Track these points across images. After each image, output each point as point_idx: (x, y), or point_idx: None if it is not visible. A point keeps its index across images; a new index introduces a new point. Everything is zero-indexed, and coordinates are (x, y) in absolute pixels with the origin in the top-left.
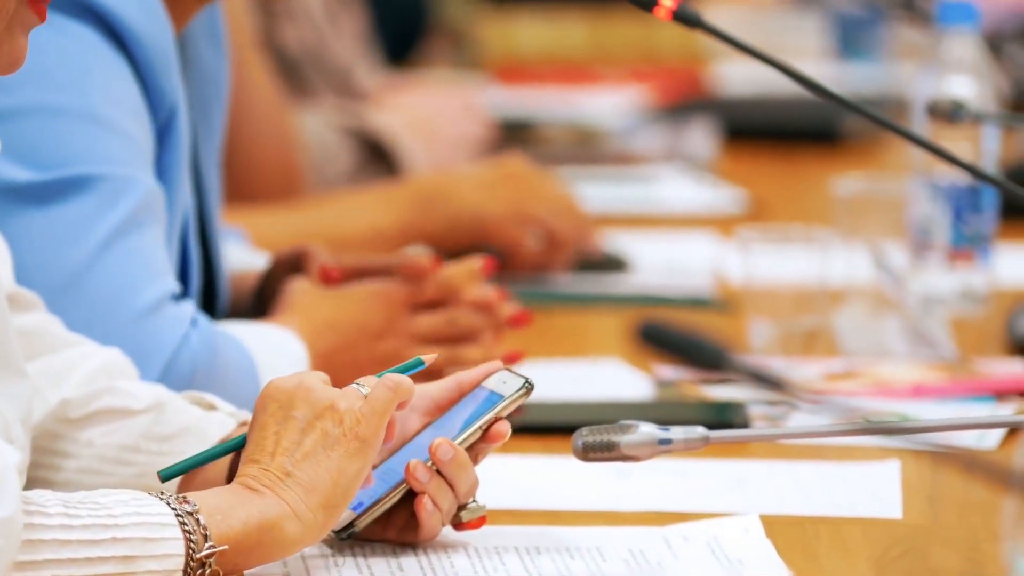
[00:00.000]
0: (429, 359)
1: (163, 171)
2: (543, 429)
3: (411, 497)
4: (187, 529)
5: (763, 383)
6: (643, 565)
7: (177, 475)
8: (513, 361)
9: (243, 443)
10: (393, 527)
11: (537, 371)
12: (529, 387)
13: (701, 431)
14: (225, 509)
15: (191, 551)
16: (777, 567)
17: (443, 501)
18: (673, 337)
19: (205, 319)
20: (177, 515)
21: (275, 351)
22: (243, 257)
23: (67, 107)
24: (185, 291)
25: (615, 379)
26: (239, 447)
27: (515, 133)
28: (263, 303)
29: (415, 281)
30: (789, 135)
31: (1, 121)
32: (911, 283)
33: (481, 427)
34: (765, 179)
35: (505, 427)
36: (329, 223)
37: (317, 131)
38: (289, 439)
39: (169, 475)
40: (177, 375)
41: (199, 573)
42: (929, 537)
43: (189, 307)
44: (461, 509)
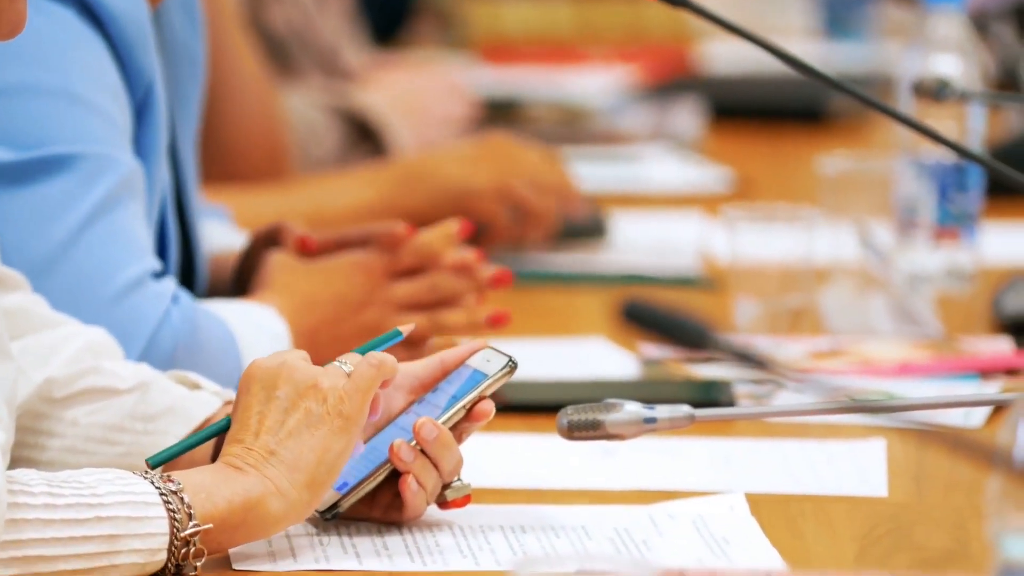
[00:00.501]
0: (407, 329)
1: (141, 149)
2: (528, 408)
3: (396, 477)
4: (171, 508)
5: (748, 362)
6: (628, 543)
7: (167, 461)
8: (498, 323)
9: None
10: (378, 507)
11: (522, 350)
12: (512, 365)
13: (686, 410)
14: (209, 488)
15: (175, 530)
16: (762, 545)
17: (427, 481)
18: (657, 316)
19: (186, 296)
20: (161, 494)
21: (256, 328)
22: (226, 237)
23: (45, 86)
24: (165, 269)
25: (600, 358)
26: (226, 429)
27: (501, 112)
28: (243, 281)
29: (392, 249)
30: (775, 114)
31: None
32: (897, 261)
33: (465, 406)
34: (751, 158)
35: (489, 406)
36: (312, 202)
37: (303, 111)
38: (273, 418)
39: (159, 461)
40: (159, 352)
41: (183, 552)
42: (914, 515)
43: (170, 284)
44: (446, 488)
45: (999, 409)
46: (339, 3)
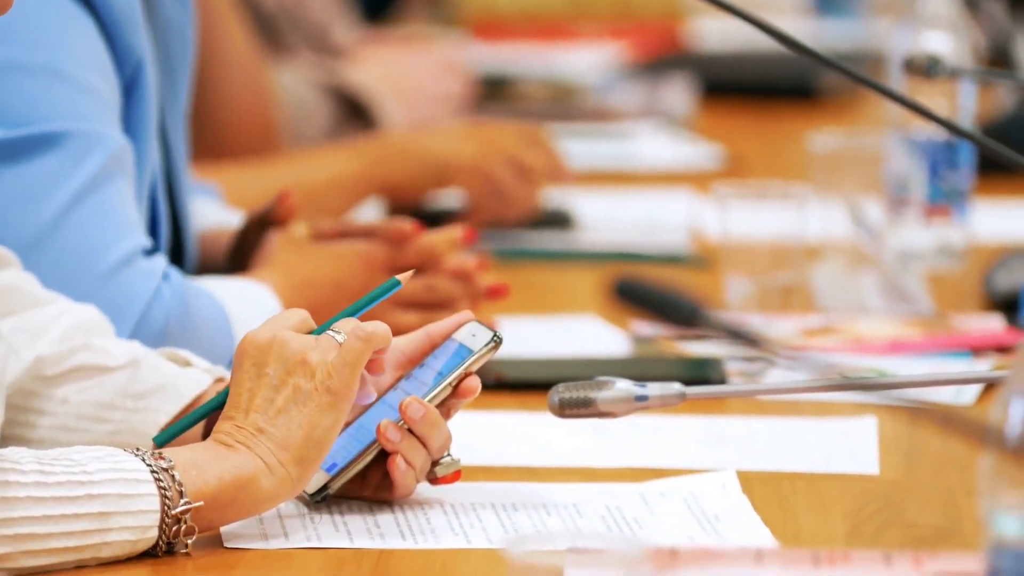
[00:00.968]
0: (405, 278)
1: (130, 127)
2: (519, 385)
3: (385, 455)
4: (162, 485)
5: (739, 339)
6: (620, 521)
7: (172, 438)
8: (497, 296)
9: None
10: (368, 486)
11: (514, 327)
12: (498, 341)
13: (678, 387)
14: (200, 465)
15: (166, 507)
16: (754, 523)
17: (416, 459)
18: (648, 293)
19: (177, 273)
20: (152, 471)
21: (248, 304)
22: (215, 214)
23: (34, 64)
24: (155, 246)
25: (592, 335)
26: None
27: (493, 89)
28: (238, 259)
29: (396, 245)
30: (766, 91)
31: None
32: (888, 239)
33: (451, 383)
34: (742, 135)
35: (475, 382)
36: (295, 174)
37: (294, 88)
38: (262, 396)
39: (164, 440)
40: (149, 329)
41: (174, 529)
42: (906, 493)
43: (160, 261)
44: (435, 465)
45: (990, 386)
46: None
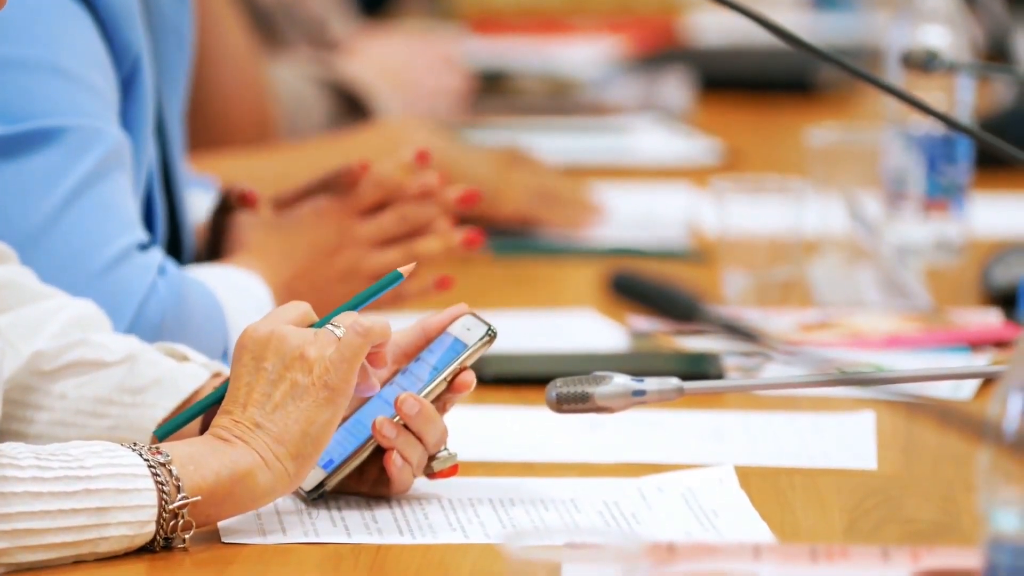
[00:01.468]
0: (407, 270)
1: (128, 123)
2: (517, 380)
3: (382, 451)
4: (160, 480)
5: (737, 334)
6: (618, 516)
7: (172, 431)
8: (473, 244)
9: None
10: (365, 481)
11: (511, 322)
12: (492, 334)
13: (675, 382)
14: (197, 459)
15: (164, 502)
16: (751, 518)
17: (412, 455)
18: (646, 288)
19: (173, 266)
20: (150, 466)
21: (241, 294)
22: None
23: (32, 60)
24: (152, 241)
25: (589, 330)
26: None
27: (490, 84)
28: (214, 245)
29: (351, 187)
30: (764, 85)
31: None
32: (886, 233)
33: (446, 378)
34: (740, 129)
35: (470, 377)
36: (297, 166)
37: (291, 82)
38: (260, 391)
39: (165, 433)
40: (146, 323)
41: (172, 524)
42: (903, 488)
43: (156, 255)
44: (432, 460)
45: (988, 381)
46: None
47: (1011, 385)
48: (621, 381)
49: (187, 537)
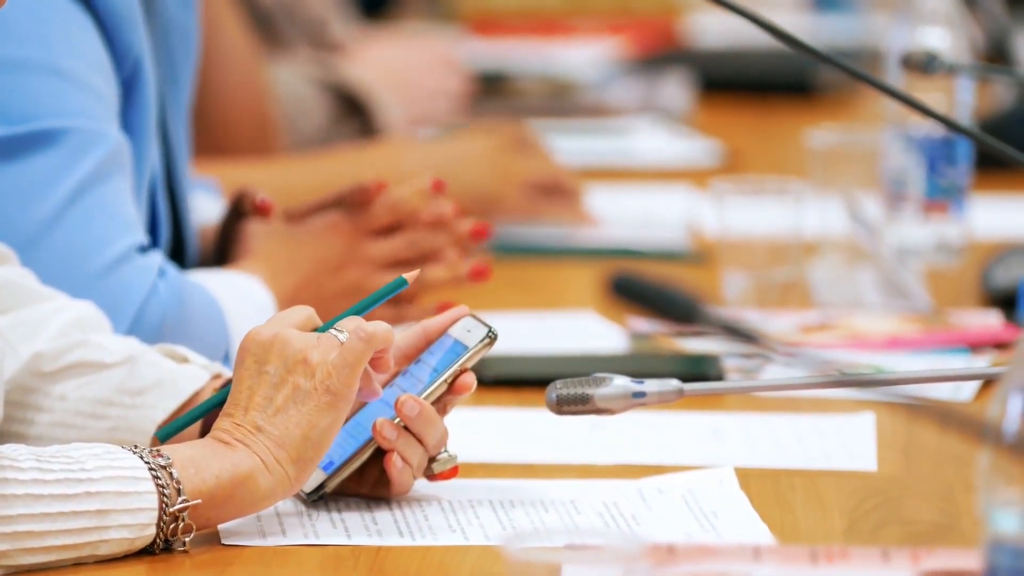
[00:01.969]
0: (411, 276)
1: (129, 126)
2: (517, 382)
3: (382, 452)
4: (160, 483)
5: (737, 335)
6: (618, 518)
7: (175, 433)
8: (480, 276)
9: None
10: (366, 483)
11: (511, 323)
12: (492, 336)
13: (675, 384)
14: (198, 462)
15: (164, 505)
16: (752, 519)
17: (412, 456)
18: (645, 289)
19: (173, 269)
20: (150, 469)
21: (242, 299)
22: (215, 209)
23: (32, 61)
24: (154, 245)
25: (589, 332)
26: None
27: (490, 85)
28: (224, 250)
29: (364, 206)
30: (764, 87)
31: None
32: (886, 235)
33: (446, 380)
34: (740, 131)
35: (470, 379)
36: (298, 177)
37: (291, 84)
38: (262, 394)
39: (167, 434)
40: (146, 326)
41: (172, 527)
42: (903, 489)
43: (157, 258)
44: (432, 461)
45: (988, 383)
46: None
47: (1011, 386)
48: (621, 383)
49: (187, 540)
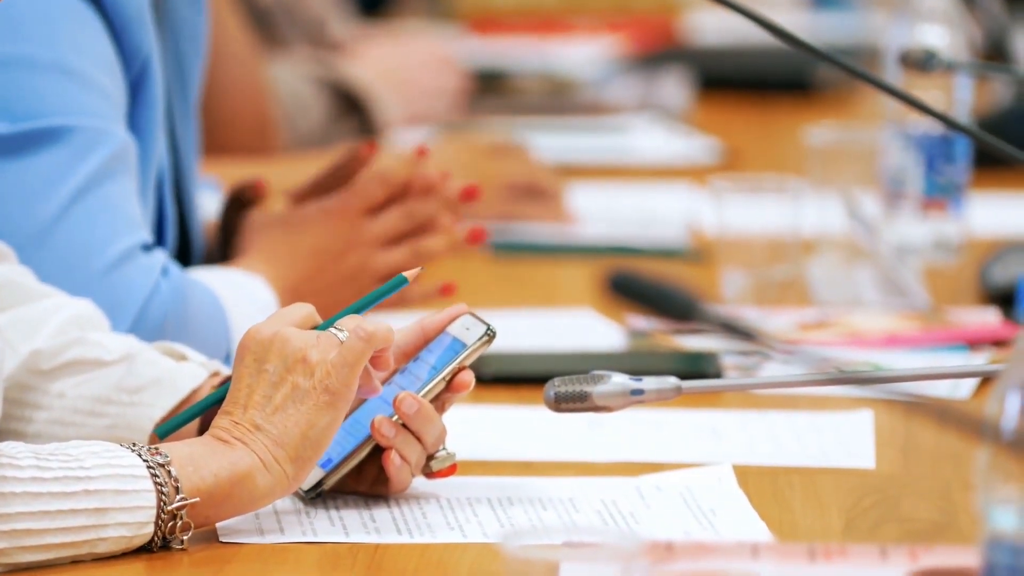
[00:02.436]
0: (412, 274)
1: (137, 125)
2: (515, 380)
3: (380, 450)
4: (159, 481)
5: (735, 333)
6: (616, 515)
7: (174, 430)
8: (476, 240)
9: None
10: (364, 481)
11: (509, 321)
12: (491, 334)
13: (673, 381)
14: (197, 461)
15: (162, 503)
16: (750, 517)
17: (411, 454)
18: (644, 287)
19: (176, 268)
20: (149, 467)
21: (245, 296)
22: (215, 206)
23: (40, 59)
24: (160, 245)
25: (587, 329)
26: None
27: (488, 83)
28: (226, 244)
29: (361, 168)
30: (763, 85)
31: None
32: (884, 233)
33: (445, 378)
34: (738, 129)
35: (469, 376)
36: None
37: (290, 82)
38: (261, 393)
39: (166, 431)
40: (148, 325)
41: (170, 525)
42: (902, 487)
43: (160, 256)
44: (431, 459)
45: (987, 380)
46: None
47: (1009, 384)
48: (619, 380)
49: (185, 538)
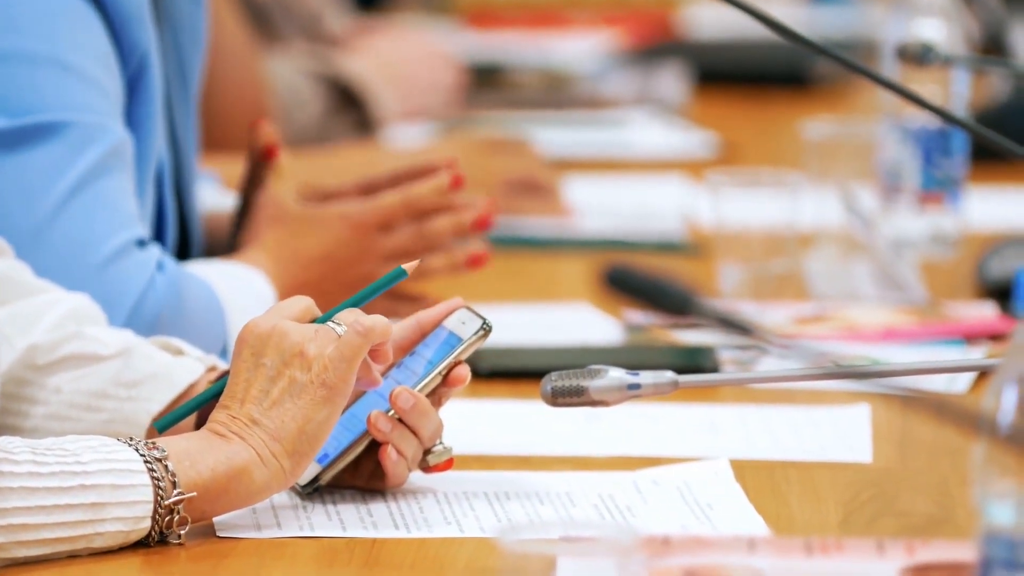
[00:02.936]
0: (410, 267)
1: (135, 121)
2: (512, 374)
3: (377, 444)
4: (155, 476)
5: (732, 327)
6: (613, 510)
7: (172, 424)
8: (477, 264)
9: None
10: (361, 476)
11: (505, 315)
12: (487, 328)
13: (670, 376)
14: (194, 455)
15: (159, 498)
16: (747, 511)
17: (407, 449)
18: (641, 282)
19: (172, 262)
20: (146, 461)
21: (243, 291)
22: (213, 198)
23: (37, 54)
24: (160, 242)
25: (584, 324)
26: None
27: (486, 78)
28: (242, 222)
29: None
30: (760, 78)
31: None
32: (881, 226)
33: (441, 372)
34: (735, 123)
35: (465, 371)
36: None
37: (287, 76)
38: (258, 387)
39: (165, 425)
40: (143, 320)
41: (167, 519)
42: (899, 481)
43: (155, 251)
44: (427, 453)
45: (983, 374)
46: None
47: (1006, 378)
48: (616, 375)
49: (182, 532)
